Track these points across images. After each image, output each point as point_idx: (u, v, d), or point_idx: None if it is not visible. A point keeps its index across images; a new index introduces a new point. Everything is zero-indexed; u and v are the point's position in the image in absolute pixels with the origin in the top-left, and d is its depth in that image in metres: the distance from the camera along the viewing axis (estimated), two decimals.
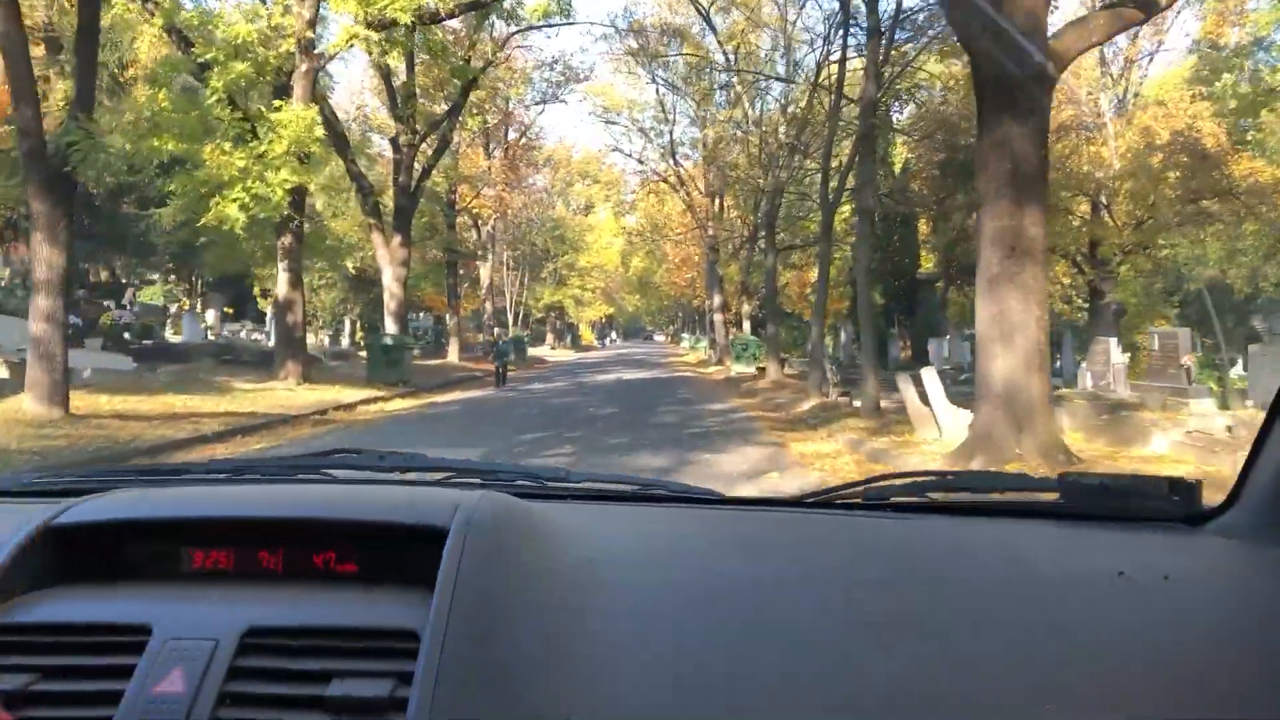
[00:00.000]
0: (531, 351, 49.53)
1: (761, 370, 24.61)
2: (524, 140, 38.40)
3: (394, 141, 23.78)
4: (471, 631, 0.78)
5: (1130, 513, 1.18)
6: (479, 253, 37.46)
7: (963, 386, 12.65)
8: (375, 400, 16.22)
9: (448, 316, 31.61)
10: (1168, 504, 1.16)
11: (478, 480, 1.34)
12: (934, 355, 21.83)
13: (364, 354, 22.78)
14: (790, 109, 25.74)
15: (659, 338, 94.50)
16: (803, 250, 29.16)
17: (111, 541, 0.97)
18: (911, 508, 1.27)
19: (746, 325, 32.15)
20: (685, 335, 59.22)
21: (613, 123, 35.40)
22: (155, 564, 0.96)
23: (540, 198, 50.71)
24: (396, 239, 23.41)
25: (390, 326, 23.25)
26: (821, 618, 0.90)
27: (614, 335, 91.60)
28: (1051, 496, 1.24)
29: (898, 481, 1.33)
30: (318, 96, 17.92)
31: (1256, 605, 0.98)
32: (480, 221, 36.89)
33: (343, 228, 27.68)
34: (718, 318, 34.82)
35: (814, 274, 40.09)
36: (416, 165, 23.99)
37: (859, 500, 1.31)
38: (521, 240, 50.33)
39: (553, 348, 57.38)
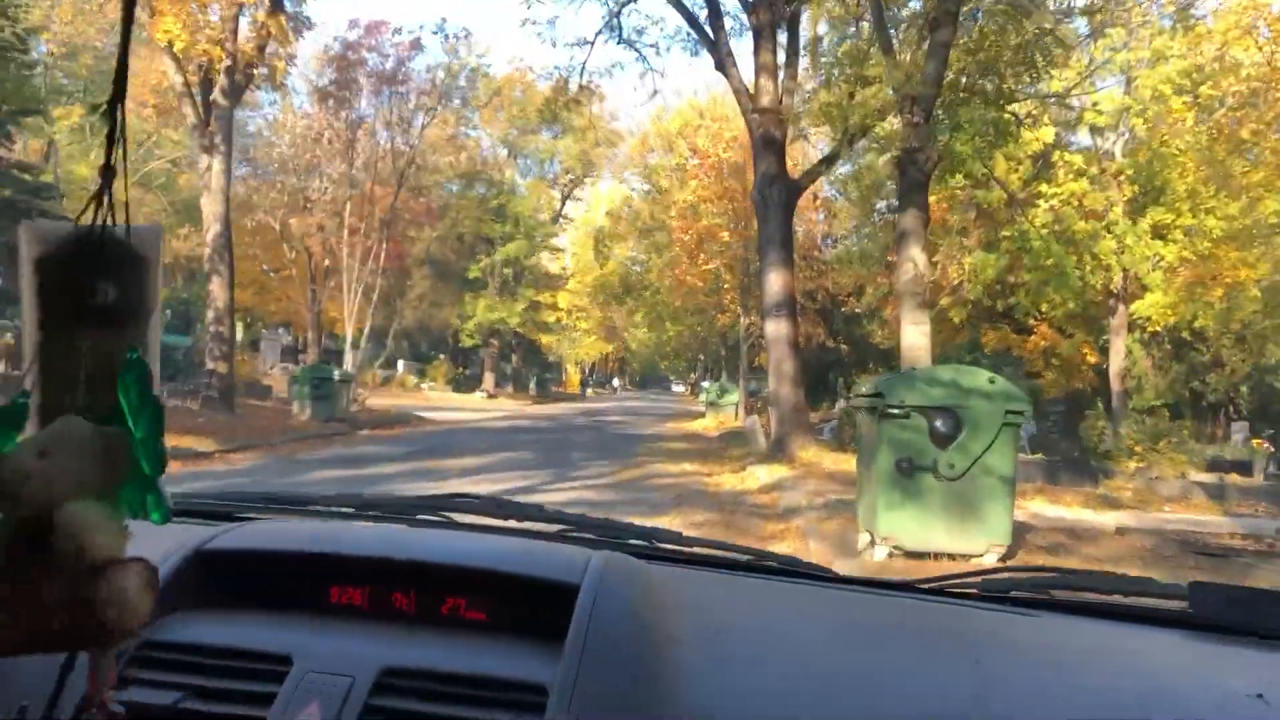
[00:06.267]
0: (439, 400, 27.50)
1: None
2: None
3: None
4: (599, 690, 0.80)
5: (1262, 628, 1.13)
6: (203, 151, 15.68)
7: None
8: None
9: None
10: None
11: (594, 535, 1.35)
12: None
13: None
14: None
15: (678, 388, 72.87)
16: None
17: (255, 568, 1.02)
18: (1030, 603, 1.22)
19: (913, 331, 9.56)
20: (706, 383, 37.02)
21: None
22: (294, 594, 1.00)
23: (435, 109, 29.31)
24: None
25: None
26: (945, 715, 0.87)
27: (615, 383, 69.37)
28: (1178, 604, 1.18)
29: (1018, 575, 1.31)
30: None
31: None
32: (211, 101, 15.32)
33: None
34: (774, 330, 12.65)
35: (971, 261, 17.79)
36: None
37: (975, 591, 1.28)
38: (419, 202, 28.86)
39: (490, 394, 35.29)
